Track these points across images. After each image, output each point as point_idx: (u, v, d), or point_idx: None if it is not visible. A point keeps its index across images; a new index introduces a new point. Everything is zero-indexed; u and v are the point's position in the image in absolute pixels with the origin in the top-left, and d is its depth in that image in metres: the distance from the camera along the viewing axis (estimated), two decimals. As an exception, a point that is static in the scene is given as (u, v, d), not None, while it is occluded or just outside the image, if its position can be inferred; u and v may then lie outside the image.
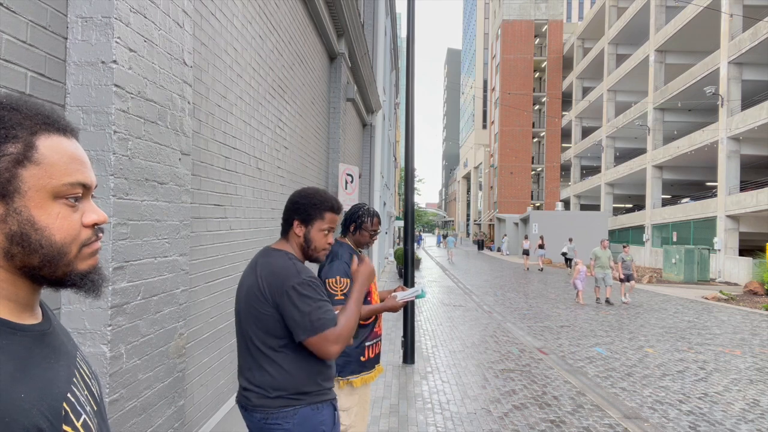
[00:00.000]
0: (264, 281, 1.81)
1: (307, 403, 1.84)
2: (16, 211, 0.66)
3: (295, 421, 1.81)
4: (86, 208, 0.73)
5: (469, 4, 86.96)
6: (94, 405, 0.77)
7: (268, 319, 1.80)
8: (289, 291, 1.77)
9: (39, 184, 0.67)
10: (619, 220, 34.15)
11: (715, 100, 23.73)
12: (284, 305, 1.77)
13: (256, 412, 1.84)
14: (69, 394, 0.69)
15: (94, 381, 0.83)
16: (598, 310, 11.72)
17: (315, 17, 5.73)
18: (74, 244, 0.71)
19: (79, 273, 0.72)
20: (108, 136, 1.73)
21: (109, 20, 1.73)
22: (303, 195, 1.96)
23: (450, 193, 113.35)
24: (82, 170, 0.72)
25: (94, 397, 0.79)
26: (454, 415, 4.86)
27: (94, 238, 0.74)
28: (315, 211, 1.94)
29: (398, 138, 30.75)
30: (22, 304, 0.70)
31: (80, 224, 0.71)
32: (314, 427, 1.83)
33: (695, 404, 5.34)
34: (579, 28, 45.59)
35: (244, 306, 1.86)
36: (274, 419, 1.82)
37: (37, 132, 0.68)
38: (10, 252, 0.67)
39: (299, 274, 1.81)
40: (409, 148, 7.05)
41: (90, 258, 0.73)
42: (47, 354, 0.70)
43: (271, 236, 4.14)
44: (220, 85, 2.96)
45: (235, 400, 2.03)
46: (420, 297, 2.80)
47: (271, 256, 1.89)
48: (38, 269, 0.69)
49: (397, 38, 25.02)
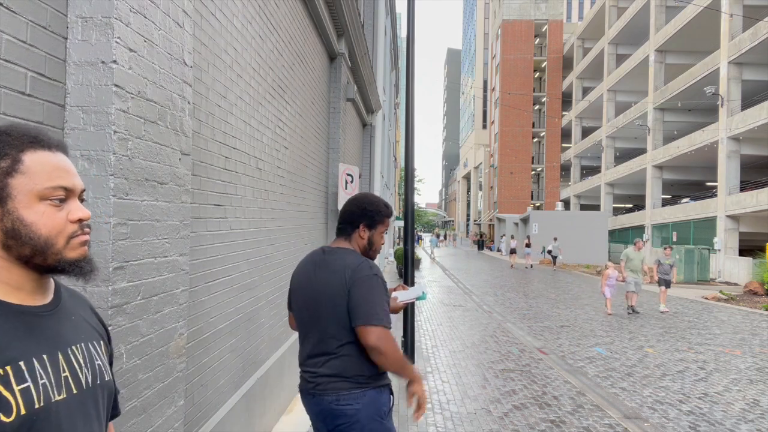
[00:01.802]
0: (340, 274, 2.05)
1: (373, 387, 2.07)
2: (8, 211, 0.84)
3: (364, 402, 2.05)
4: (71, 207, 0.89)
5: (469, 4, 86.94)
6: (74, 389, 0.89)
7: (344, 310, 2.03)
8: (363, 280, 2.02)
9: (26, 189, 0.85)
10: (619, 220, 34.14)
11: (715, 100, 23.73)
12: (354, 291, 2.01)
13: (327, 395, 2.06)
14: (21, 362, 0.80)
15: (87, 371, 0.93)
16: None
17: (315, 17, 5.73)
18: (60, 237, 0.87)
19: (68, 260, 0.88)
20: (108, 136, 1.73)
21: (109, 20, 1.73)
22: (369, 202, 2.26)
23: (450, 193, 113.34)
24: (64, 176, 0.88)
25: (80, 383, 0.90)
26: (454, 415, 4.86)
27: (80, 231, 0.90)
28: (379, 217, 2.26)
29: (398, 138, 30.74)
30: (14, 286, 0.86)
31: (66, 220, 0.88)
32: (378, 407, 2.07)
33: (695, 404, 5.34)
34: (579, 28, 45.59)
35: (318, 300, 2.09)
36: (345, 400, 2.04)
37: (24, 149, 0.86)
38: (7, 244, 0.85)
39: (372, 269, 2.07)
40: (409, 148, 7.05)
41: (79, 248, 0.90)
42: (16, 327, 0.83)
43: (270, 236, 4.14)
44: (220, 85, 2.96)
45: (298, 388, 2.24)
46: (421, 299, 2.80)
47: (340, 253, 2.15)
48: (30, 257, 0.86)
49: (397, 38, 25.01)
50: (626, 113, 33.10)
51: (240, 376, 3.46)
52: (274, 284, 4.29)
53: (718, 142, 22.81)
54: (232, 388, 3.29)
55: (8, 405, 0.77)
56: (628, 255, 11.64)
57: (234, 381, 3.34)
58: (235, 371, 3.37)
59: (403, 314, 6.67)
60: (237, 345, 3.39)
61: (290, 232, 4.84)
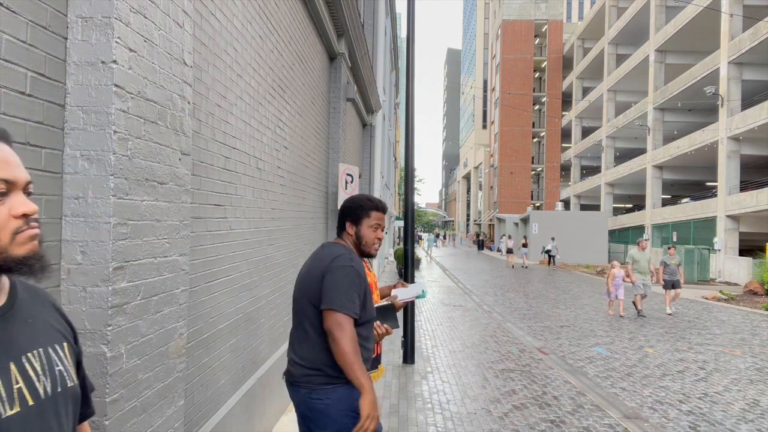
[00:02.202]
0: (321, 261, 2.13)
1: (343, 383, 2.04)
2: None
3: (334, 398, 2.04)
4: (14, 202, 0.81)
5: (469, 4, 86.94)
6: (30, 400, 0.82)
7: (317, 296, 2.07)
8: (338, 269, 2.07)
9: None
10: (619, 220, 34.14)
11: (715, 100, 23.72)
12: (327, 276, 2.06)
13: (302, 387, 2.10)
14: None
15: (46, 380, 0.86)
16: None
17: (315, 17, 5.73)
18: (3, 233, 0.79)
19: (15, 258, 0.80)
20: (108, 136, 1.73)
21: (109, 20, 1.73)
22: (351, 200, 2.36)
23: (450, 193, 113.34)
24: (4, 168, 0.80)
25: (37, 394, 0.83)
26: (454, 415, 4.86)
27: (26, 226, 0.81)
28: (362, 211, 2.32)
29: (398, 138, 30.74)
30: None
31: (8, 216, 0.79)
32: (350, 404, 2.03)
33: (695, 404, 5.34)
34: (579, 28, 45.58)
35: (301, 285, 2.17)
36: (316, 395, 2.06)
37: None
38: None
39: (351, 261, 2.12)
40: (409, 148, 7.05)
41: (27, 243, 0.81)
42: None
43: (270, 236, 4.14)
44: (220, 85, 2.96)
45: (282, 375, 2.33)
46: (420, 297, 2.80)
47: (329, 246, 2.24)
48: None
49: (397, 38, 25.01)
50: (626, 113, 33.09)
51: (240, 376, 3.46)
52: (274, 284, 4.29)
53: (718, 142, 22.80)
54: (232, 388, 3.29)
55: None
56: (633, 256, 11.04)
57: (234, 381, 3.34)
58: (235, 371, 3.37)
59: (403, 314, 6.67)
60: (237, 345, 3.39)
61: (290, 232, 4.84)
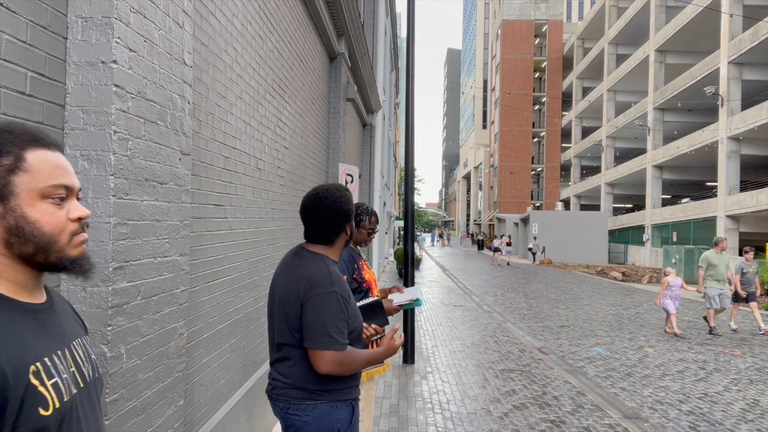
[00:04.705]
0: (298, 283, 1.91)
1: (327, 400, 1.91)
2: (11, 209, 0.84)
3: (314, 416, 1.89)
4: (71, 206, 0.90)
5: (469, 4, 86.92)
6: (81, 383, 0.92)
7: (296, 317, 1.89)
8: (318, 297, 1.86)
9: (29, 187, 0.85)
10: (619, 220, 34.14)
11: (715, 100, 23.73)
12: (307, 308, 1.86)
13: (280, 401, 1.95)
14: (46, 359, 0.84)
15: (88, 365, 0.97)
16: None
17: (315, 17, 5.73)
18: (63, 234, 0.88)
19: (70, 258, 0.89)
20: (108, 136, 1.73)
21: (109, 20, 1.73)
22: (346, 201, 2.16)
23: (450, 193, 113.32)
24: (65, 175, 0.89)
25: (84, 377, 0.94)
26: (454, 415, 4.86)
27: (80, 230, 0.91)
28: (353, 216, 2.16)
29: (398, 138, 30.74)
30: (20, 285, 0.87)
31: (66, 219, 0.89)
32: (331, 424, 1.90)
33: (695, 404, 5.34)
34: (579, 28, 45.58)
35: (278, 302, 1.97)
36: (294, 410, 1.91)
37: (25, 147, 0.86)
38: (9, 241, 0.85)
39: (332, 284, 1.88)
40: (409, 148, 7.05)
41: (79, 246, 0.91)
42: (33, 325, 0.86)
43: (270, 236, 4.14)
44: (220, 85, 2.96)
45: (264, 391, 2.15)
46: (416, 305, 2.80)
47: (305, 259, 1.99)
48: (33, 255, 0.86)
49: (397, 38, 25.01)
50: (626, 113, 33.09)
51: (240, 376, 3.46)
52: (274, 284, 4.29)
53: (718, 142, 22.80)
54: (232, 388, 3.29)
55: (45, 400, 0.81)
56: (709, 259, 8.82)
57: (234, 381, 3.34)
58: (235, 371, 3.36)
59: (403, 314, 6.67)
60: (237, 345, 3.39)
61: (290, 232, 4.84)
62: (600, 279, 20.08)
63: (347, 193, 2.07)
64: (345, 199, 2.04)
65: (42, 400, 0.80)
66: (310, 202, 2.01)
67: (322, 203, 1.99)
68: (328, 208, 1.99)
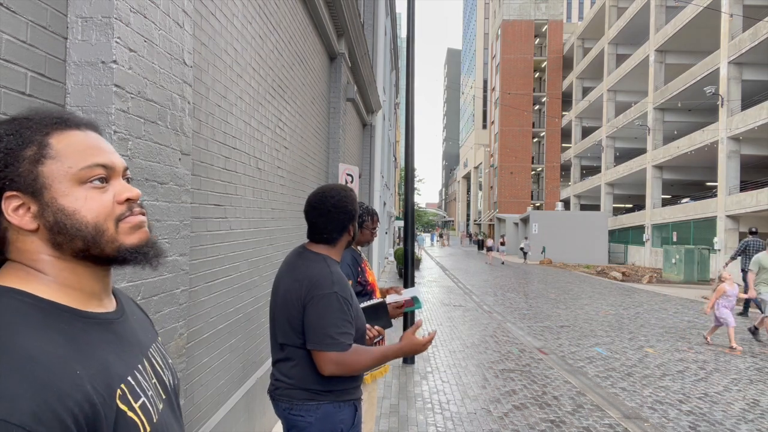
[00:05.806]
0: (299, 284, 1.91)
1: (330, 401, 1.91)
2: (47, 204, 0.73)
3: (317, 416, 1.89)
4: (117, 188, 0.78)
5: (469, 4, 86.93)
6: (163, 394, 0.83)
7: (298, 317, 1.90)
8: (319, 299, 1.86)
9: (60, 175, 0.73)
10: (619, 220, 34.14)
11: (715, 100, 23.73)
12: (309, 309, 1.87)
13: (282, 402, 1.95)
14: (129, 377, 0.74)
15: (168, 372, 0.88)
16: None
17: (315, 17, 5.73)
18: (109, 221, 0.76)
19: (128, 248, 0.77)
20: (108, 136, 1.73)
21: (109, 20, 1.73)
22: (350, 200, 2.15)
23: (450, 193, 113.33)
24: (99, 153, 0.77)
25: (165, 387, 0.85)
26: (454, 415, 4.86)
27: (129, 213, 0.78)
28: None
29: (398, 138, 30.74)
30: (87, 292, 0.76)
31: (112, 202, 0.76)
32: (334, 424, 1.90)
33: (695, 404, 5.34)
34: (579, 28, 45.59)
35: (281, 302, 1.97)
36: (297, 411, 1.91)
37: (49, 132, 0.75)
38: (56, 241, 0.73)
39: (333, 285, 1.89)
40: (409, 148, 7.05)
41: (135, 231, 0.78)
42: (110, 340, 0.75)
43: (270, 236, 4.14)
44: (220, 85, 2.96)
45: (267, 391, 2.12)
46: (416, 308, 2.80)
47: (306, 259, 1.99)
48: (87, 251, 0.75)
49: (397, 38, 25.01)
50: (626, 113, 33.10)
51: (240, 376, 3.46)
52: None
53: (718, 142, 22.81)
54: (232, 388, 3.29)
55: (136, 427, 0.71)
56: (761, 262, 7.95)
57: (234, 381, 3.34)
58: (235, 371, 3.37)
59: (403, 314, 6.67)
60: (237, 345, 3.39)
61: (290, 232, 4.84)
62: (600, 279, 20.08)
63: (352, 194, 2.07)
64: (350, 200, 2.03)
65: (133, 428, 0.70)
66: (315, 201, 2.01)
67: (327, 202, 1.99)
68: (333, 207, 1.99)
